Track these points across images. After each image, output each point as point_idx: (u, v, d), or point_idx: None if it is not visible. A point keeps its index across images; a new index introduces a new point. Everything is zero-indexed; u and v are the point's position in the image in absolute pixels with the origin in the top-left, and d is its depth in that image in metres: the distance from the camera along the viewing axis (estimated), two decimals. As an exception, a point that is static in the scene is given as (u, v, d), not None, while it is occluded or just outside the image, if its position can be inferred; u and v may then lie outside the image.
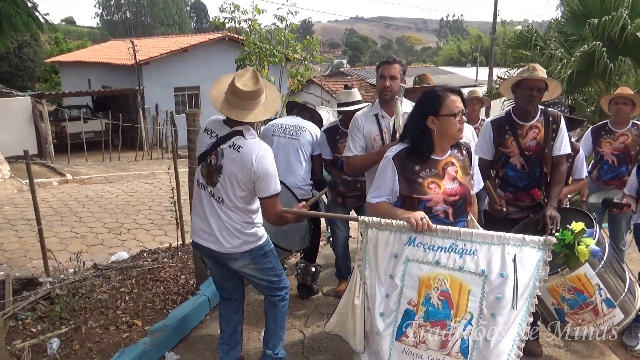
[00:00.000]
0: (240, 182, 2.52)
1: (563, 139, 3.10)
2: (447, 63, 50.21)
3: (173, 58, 16.06)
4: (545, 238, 2.04)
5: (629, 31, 6.73)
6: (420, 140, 2.23)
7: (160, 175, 12.11)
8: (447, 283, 2.03)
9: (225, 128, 2.59)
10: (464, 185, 2.28)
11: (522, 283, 1.99)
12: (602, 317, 2.66)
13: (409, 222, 2.07)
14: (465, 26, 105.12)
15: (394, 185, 2.24)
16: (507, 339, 2.02)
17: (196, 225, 2.70)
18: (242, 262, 2.66)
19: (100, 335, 3.36)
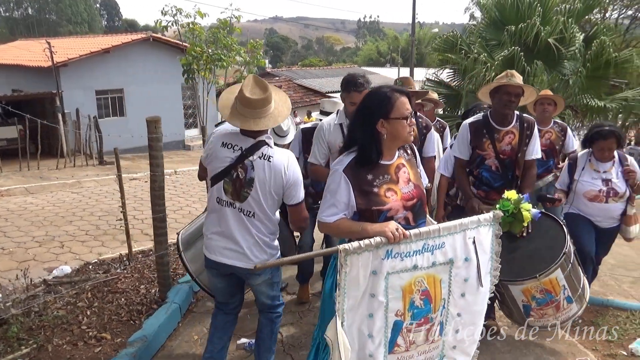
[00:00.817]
0: (273, 192, 2.50)
1: (535, 144, 3.25)
2: (367, 63, 51.60)
3: (94, 60, 15.22)
4: (493, 213, 2.16)
5: (542, 37, 7.48)
6: (370, 145, 2.11)
7: (87, 183, 11.51)
8: (425, 282, 2.06)
9: (248, 140, 2.52)
10: (418, 187, 2.23)
11: (483, 262, 2.12)
12: (562, 311, 2.90)
13: (385, 237, 1.96)
14: (381, 27, 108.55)
15: (349, 200, 2.10)
16: (478, 314, 2.18)
17: (216, 243, 2.59)
18: (264, 277, 2.64)
19: (69, 352, 3.26)
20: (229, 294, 2.80)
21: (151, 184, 3.91)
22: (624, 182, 3.50)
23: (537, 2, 7.97)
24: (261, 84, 2.48)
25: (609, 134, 3.42)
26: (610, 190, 3.49)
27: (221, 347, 2.82)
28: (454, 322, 2.16)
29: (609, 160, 3.54)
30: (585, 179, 3.56)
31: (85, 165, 13.96)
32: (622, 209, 3.54)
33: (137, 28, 74.19)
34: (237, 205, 2.52)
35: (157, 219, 3.94)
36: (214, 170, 2.57)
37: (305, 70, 27.14)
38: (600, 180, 3.52)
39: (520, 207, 2.25)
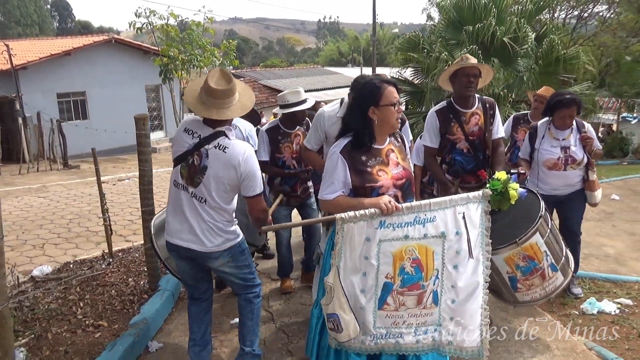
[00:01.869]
0: (225, 183, 2.54)
1: (498, 123, 3.40)
2: (329, 63, 51.88)
3: (54, 62, 14.88)
4: (483, 191, 2.30)
5: (498, 37, 7.99)
6: (363, 130, 2.33)
7: (53, 187, 11.34)
8: (416, 251, 2.21)
9: (207, 128, 2.58)
10: (406, 169, 2.44)
11: (473, 235, 2.26)
12: (548, 280, 2.93)
13: (379, 208, 2.16)
14: (341, 28, 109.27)
15: (345, 178, 2.32)
16: (474, 286, 2.27)
17: (173, 227, 2.65)
18: (222, 261, 2.68)
19: (69, 339, 3.40)
20: (195, 278, 2.84)
21: (140, 179, 4.07)
22: (581, 149, 3.58)
23: (492, 4, 8.50)
24: (226, 76, 2.55)
25: (571, 102, 3.49)
26: (568, 158, 3.58)
27: (202, 333, 2.88)
28: (449, 293, 2.27)
29: (568, 127, 3.61)
30: (545, 147, 3.64)
31: (50, 170, 13.70)
32: (580, 175, 3.64)
33: (91, 29, 71.97)
34: (191, 190, 2.58)
35: (146, 212, 4.10)
36: (175, 153, 2.66)
37: (270, 71, 27.24)
38: (559, 148, 3.60)
39: (508, 186, 2.35)
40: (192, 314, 2.89)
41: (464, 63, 3.24)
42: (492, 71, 3.50)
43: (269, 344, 3.25)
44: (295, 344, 3.26)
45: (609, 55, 16.10)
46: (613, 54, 15.76)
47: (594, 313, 3.49)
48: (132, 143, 17.29)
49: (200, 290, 2.89)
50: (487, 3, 8.49)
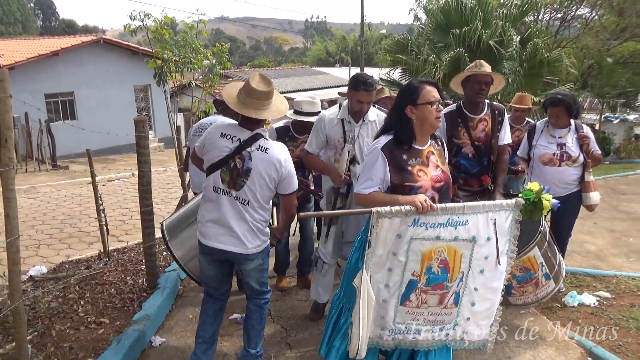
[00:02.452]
0: (268, 182, 2.65)
1: (506, 130, 3.42)
2: (316, 63, 51.90)
3: (42, 62, 14.78)
4: (516, 200, 2.30)
5: (484, 40, 8.21)
6: (402, 129, 2.36)
7: (42, 188, 11.34)
8: (445, 253, 2.21)
9: (246, 131, 2.68)
10: (445, 172, 2.44)
11: (502, 242, 2.27)
12: (541, 288, 3.06)
13: (414, 206, 2.14)
14: (329, 27, 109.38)
15: (385, 175, 2.33)
16: (495, 290, 2.33)
17: (212, 230, 2.71)
18: (256, 262, 2.78)
19: (73, 335, 3.48)
20: (219, 281, 2.92)
21: (139, 179, 4.17)
22: (578, 148, 3.66)
23: (478, 8, 8.72)
24: (266, 79, 2.69)
25: (558, 102, 3.63)
26: (563, 154, 3.66)
27: (213, 332, 2.95)
28: (470, 296, 2.29)
29: (562, 126, 3.72)
30: (542, 143, 3.75)
31: (38, 171, 13.63)
32: (575, 174, 3.68)
33: (75, 28, 71.12)
34: (233, 194, 2.65)
35: (145, 212, 4.20)
36: (212, 159, 2.69)
37: (258, 71, 27.26)
38: (555, 144, 3.69)
39: (541, 197, 2.36)
40: (208, 311, 2.96)
41: (478, 70, 3.25)
42: (503, 80, 3.54)
43: (268, 338, 3.38)
44: (293, 337, 3.40)
45: (592, 57, 16.49)
46: (595, 56, 16.15)
47: (574, 305, 3.68)
48: (120, 144, 17.14)
49: (220, 291, 2.98)
50: (474, 7, 8.71)
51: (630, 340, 3.15)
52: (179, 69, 5.83)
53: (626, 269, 4.60)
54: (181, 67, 5.95)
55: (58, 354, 3.27)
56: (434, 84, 2.40)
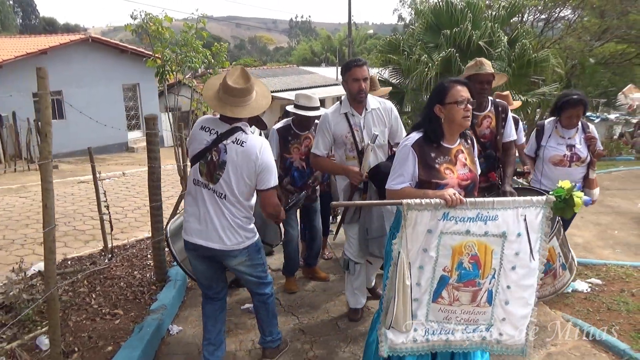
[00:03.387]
0: (245, 176, 2.59)
1: (510, 126, 3.42)
2: (302, 63, 51.93)
3: (30, 61, 14.61)
4: (547, 197, 2.28)
5: (474, 40, 8.44)
6: (430, 126, 2.39)
7: (33, 187, 11.29)
8: (475, 248, 2.20)
9: (224, 125, 2.64)
10: (473, 172, 2.45)
11: (533, 238, 2.26)
12: (558, 278, 3.08)
13: (444, 199, 2.15)
14: (313, 27, 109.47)
15: (414, 171, 2.36)
16: (529, 288, 2.30)
17: (193, 225, 2.68)
18: (239, 259, 2.72)
19: (90, 326, 3.59)
20: (210, 278, 2.86)
21: (149, 175, 4.26)
22: (586, 148, 3.73)
23: (468, 9, 8.96)
24: (245, 75, 2.59)
25: (578, 102, 3.60)
26: (573, 155, 3.71)
27: (217, 332, 2.93)
28: (504, 294, 2.27)
29: (574, 127, 3.74)
30: (551, 144, 3.77)
31: (27, 170, 13.52)
32: (582, 173, 3.78)
33: (56, 26, 70.00)
34: (211, 187, 2.62)
35: (154, 207, 4.30)
36: (193, 151, 2.69)
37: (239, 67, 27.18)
38: (564, 145, 3.73)
39: (573, 194, 2.32)
40: (207, 313, 2.93)
41: (480, 70, 3.26)
42: (504, 76, 3.56)
43: (281, 324, 3.53)
44: (306, 323, 3.56)
45: (574, 57, 16.92)
46: (578, 57, 16.58)
47: (569, 292, 3.89)
48: (109, 143, 17.10)
49: (215, 290, 2.92)
50: (463, 8, 8.95)
51: (622, 321, 3.38)
52: (180, 68, 5.92)
53: (612, 260, 4.84)
54: (182, 66, 6.04)
55: (77, 343, 3.37)
56: (465, 84, 2.40)
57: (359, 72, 3.07)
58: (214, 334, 2.91)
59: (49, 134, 2.22)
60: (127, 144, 18.51)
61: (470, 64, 3.41)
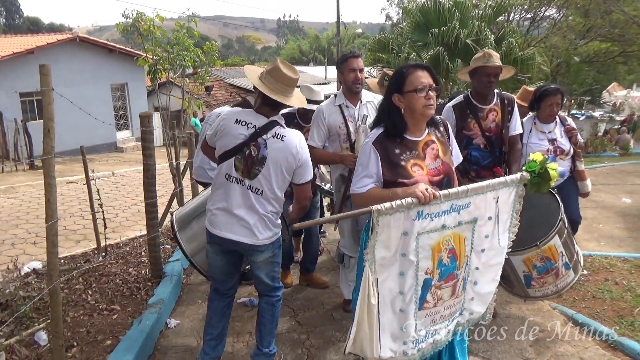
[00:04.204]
0: (284, 171, 2.55)
1: (517, 120, 3.33)
2: (290, 62, 50.90)
3: (17, 61, 14.49)
4: (521, 175, 2.17)
5: (461, 39, 8.58)
6: (389, 119, 2.18)
7: (21, 188, 11.22)
8: (451, 240, 2.07)
9: (262, 118, 2.56)
10: (446, 163, 2.22)
11: (503, 219, 2.17)
12: (561, 278, 2.97)
13: (416, 197, 1.95)
14: (301, 26, 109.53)
15: (378, 171, 2.15)
16: (496, 267, 2.25)
17: (222, 219, 2.60)
18: (267, 254, 2.67)
19: (88, 321, 3.63)
20: (226, 273, 2.80)
21: (144, 172, 4.31)
22: (567, 140, 3.71)
23: (455, 8, 9.10)
24: (292, 67, 2.61)
25: (556, 90, 3.62)
26: (557, 149, 3.67)
27: (220, 329, 2.87)
28: (472, 275, 2.19)
29: (553, 119, 3.72)
30: (533, 140, 3.71)
31: (15, 171, 13.43)
32: (568, 166, 3.74)
33: (40, 26, 69.26)
34: (247, 183, 2.55)
35: (149, 204, 4.35)
36: (225, 146, 2.57)
37: (235, 69, 27.29)
38: (546, 140, 3.69)
39: (547, 166, 2.18)
40: (215, 309, 2.86)
41: (487, 62, 3.14)
42: (512, 70, 3.46)
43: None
44: (302, 315, 3.64)
45: (559, 56, 17.22)
46: (563, 55, 16.88)
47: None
48: (98, 143, 17.03)
49: (228, 286, 2.87)
50: (451, 7, 9.09)
51: (606, 308, 3.51)
52: (172, 66, 5.96)
53: (597, 252, 4.98)
54: (173, 65, 6.07)
55: (76, 338, 3.41)
56: (426, 68, 2.18)
57: (355, 63, 3.16)
58: (218, 330, 2.86)
59: (51, 130, 2.28)
60: (115, 144, 18.42)
61: (478, 55, 3.29)
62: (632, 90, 21.62)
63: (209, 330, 2.86)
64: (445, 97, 9.53)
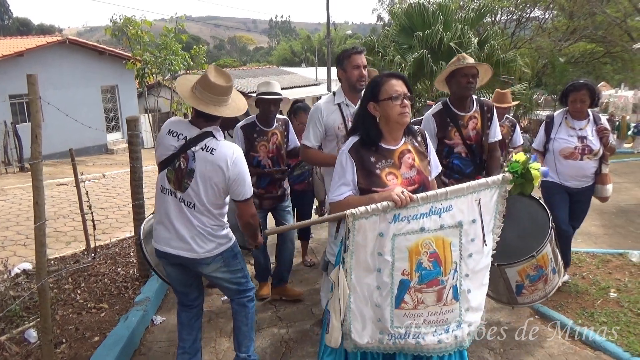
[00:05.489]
0: (214, 185, 2.44)
1: (496, 127, 3.27)
2: (282, 63, 52.09)
3: (6, 63, 14.49)
4: (502, 176, 2.14)
5: (445, 42, 8.78)
6: (365, 127, 2.20)
7: (11, 190, 11.27)
8: (433, 244, 2.04)
9: (193, 129, 2.47)
10: (421, 173, 2.22)
11: (486, 221, 2.14)
12: (549, 283, 2.98)
13: (392, 200, 1.98)
14: (293, 27, 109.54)
15: (354, 179, 2.17)
16: (483, 271, 2.20)
17: (162, 233, 2.54)
18: (214, 266, 2.58)
19: (77, 319, 3.76)
20: (185, 284, 2.74)
21: (131, 174, 4.45)
22: (598, 140, 3.57)
23: (439, 12, 9.30)
24: (224, 74, 2.47)
25: (581, 86, 3.50)
26: (585, 148, 3.55)
27: (192, 341, 2.79)
28: (465, 284, 2.14)
29: (582, 114, 3.60)
30: (562, 136, 3.61)
31: (5, 173, 13.46)
32: (595, 167, 3.61)
33: (30, 27, 68.85)
34: (179, 195, 2.47)
35: (137, 206, 4.48)
36: (159, 157, 2.53)
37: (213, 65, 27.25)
38: (576, 137, 3.57)
39: (529, 166, 2.14)
40: (183, 321, 2.80)
41: (462, 63, 3.13)
42: (490, 70, 3.40)
43: (259, 312, 3.74)
44: (283, 311, 3.80)
45: (545, 56, 17.51)
46: (549, 56, 17.17)
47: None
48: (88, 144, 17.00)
49: (190, 297, 2.79)
50: (435, 11, 9.28)
51: (570, 300, 3.69)
52: (160, 70, 6.10)
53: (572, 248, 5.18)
54: (162, 69, 6.22)
55: (65, 335, 3.54)
56: (401, 77, 2.23)
57: (359, 59, 3.00)
58: (189, 343, 2.77)
59: (39, 136, 2.42)
60: (106, 146, 18.46)
61: (452, 61, 3.30)
62: (619, 89, 21.95)
63: (180, 344, 2.78)
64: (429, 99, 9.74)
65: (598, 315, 3.40)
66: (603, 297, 3.69)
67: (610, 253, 4.68)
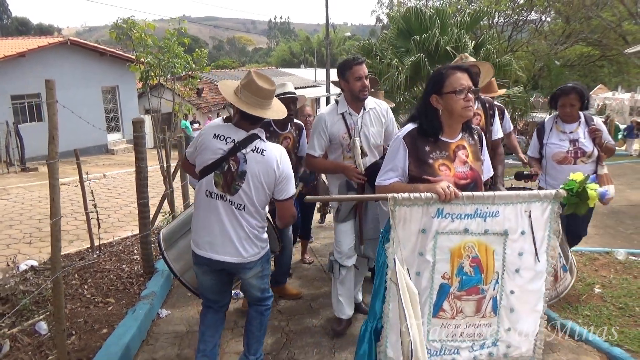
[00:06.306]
0: (265, 186, 2.48)
1: (496, 123, 3.29)
2: (281, 64, 52.25)
3: (8, 64, 14.67)
4: (556, 191, 2.06)
5: (441, 46, 8.95)
6: (426, 119, 2.16)
7: (13, 190, 11.44)
8: (475, 249, 1.98)
9: (240, 132, 2.51)
10: (475, 170, 2.17)
11: (538, 237, 2.04)
12: (560, 281, 2.94)
13: (436, 192, 1.93)
14: (292, 28, 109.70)
15: (405, 165, 2.14)
16: (535, 294, 2.08)
17: (206, 239, 2.54)
18: (255, 271, 2.61)
19: (85, 312, 3.92)
20: (218, 292, 2.75)
21: (136, 174, 4.60)
22: (591, 142, 3.51)
23: (436, 16, 9.49)
24: (268, 79, 2.54)
25: (570, 90, 3.47)
26: (577, 150, 3.50)
27: (213, 345, 2.79)
28: (507, 300, 2.05)
29: (573, 118, 3.55)
30: (553, 141, 3.58)
31: (7, 173, 13.61)
32: (590, 170, 3.49)
33: (29, 27, 68.94)
34: (228, 198, 2.49)
35: (142, 204, 4.64)
36: (204, 162, 2.52)
37: (225, 72, 27.54)
38: (567, 141, 3.53)
39: (586, 186, 2.06)
40: (208, 322, 2.79)
41: (464, 62, 3.16)
42: (491, 69, 3.41)
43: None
44: (283, 305, 3.96)
45: (541, 59, 17.72)
46: (545, 59, 17.38)
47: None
48: (89, 145, 17.20)
49: (220, 303, 2.81)
50: (432, 15, 9.47)
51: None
52: (163, 72, 6.26)
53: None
54: (164, 71, 6.38)
55: (74, 327, 3.70)
56: (466, 70, 2.16)
57: (360, 70, 3.03)
58: (210, 345, 2.76)
59: (56, 137, 2.58)
60: (106, 146, 18.61)
61: (454, 61, 3.28)
62: (616, 92, 22.17)
63: (201, 347, 2.76)
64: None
65: (582, 309, 3.56)
66: (588, 292, 3.86)
67: (597, 251, 4.87)
